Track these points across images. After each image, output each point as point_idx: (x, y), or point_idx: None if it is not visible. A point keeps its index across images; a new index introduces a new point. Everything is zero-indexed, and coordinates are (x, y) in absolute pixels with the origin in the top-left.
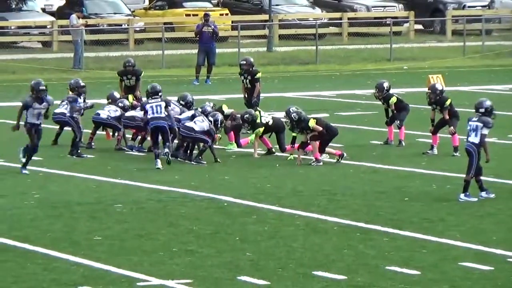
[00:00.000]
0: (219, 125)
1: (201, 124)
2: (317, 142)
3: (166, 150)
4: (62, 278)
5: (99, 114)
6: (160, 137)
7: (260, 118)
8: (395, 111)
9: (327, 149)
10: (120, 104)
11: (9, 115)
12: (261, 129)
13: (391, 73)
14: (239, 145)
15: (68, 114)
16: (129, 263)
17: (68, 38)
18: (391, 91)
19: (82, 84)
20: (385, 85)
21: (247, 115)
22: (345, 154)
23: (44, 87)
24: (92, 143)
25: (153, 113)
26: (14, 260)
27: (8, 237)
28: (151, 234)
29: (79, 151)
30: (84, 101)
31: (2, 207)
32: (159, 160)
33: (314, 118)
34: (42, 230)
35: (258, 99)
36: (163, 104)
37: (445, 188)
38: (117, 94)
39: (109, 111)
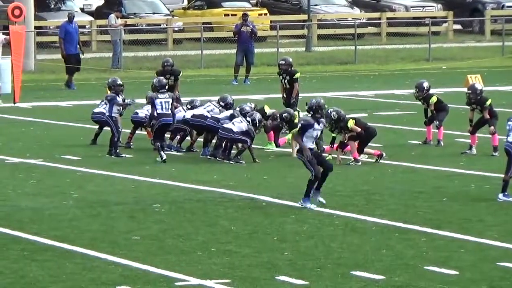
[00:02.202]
0: (257, 125)
1: (239, 125)
2: (356, 142)
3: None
4: (101, 277)
5: (137, 113)
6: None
7: (299, 118)
8: (434, 111)
9: (366, 150)
10: None
11: (47, 115)
12: None
13: (429, 73)
14: (277, 145)
15: (107, 114)
16: (168, 263)
17: (107, 38)
18: (431, 91)
19: (119, 82)
20: (425, 85)
21: (285, 114)
22: (384, 154)
23: (325, 104)
24: (131, 143)
25: (162, 109)
26: (53, 260)
27: (46, 237)
28: (189, 234)
29: (117, 151)
30: (123, 100)
31: (41, 207)
32: (163, 152)
33: (353, 119)
34: (80, 229)
35: (297, 99)
36: (170, 100)
37: (484, 188)
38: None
39: (147, 111)
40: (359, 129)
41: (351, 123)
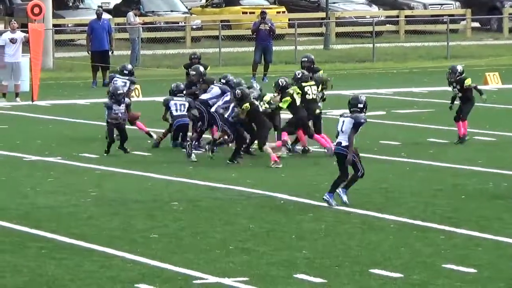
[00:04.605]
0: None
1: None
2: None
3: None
4: (119, 275)
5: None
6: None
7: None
8: (462, 101)
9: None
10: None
11: (66, 113)
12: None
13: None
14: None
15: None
16: (186, 261)
17: (125, 36)
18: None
19: (120, 91)
20: (459, 67)
21: (282, 79)
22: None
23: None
24: (159, 143)
25: (176, 111)
26: (71, 258)
27: (65, 235)
28: (207, 232)
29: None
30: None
31: (59, 205)
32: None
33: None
34: (98, 227)
35: None
36: (186, 103)
37: (502, 186)
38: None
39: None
40: None
41: None
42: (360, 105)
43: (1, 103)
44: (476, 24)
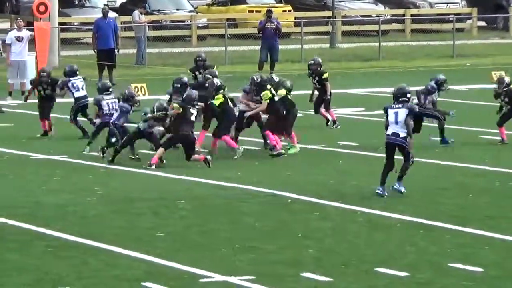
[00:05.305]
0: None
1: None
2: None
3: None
4: (125, 274)
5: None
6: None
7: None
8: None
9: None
10: None
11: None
12: None
13: (454, 70)
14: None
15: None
16: (192, 259)
17: (131, 34)
18: (457, 87)
19: (135, 94)
20: (507, 79)
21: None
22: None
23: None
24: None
25: (108, 110)
26: (77, 256)
27: (71, 233)
28: (213, 231)
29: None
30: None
31: (65, 204)
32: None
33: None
34: (104, 226)
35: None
36: (116, 100)
37: (508, 185)
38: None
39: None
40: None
41: None
42: (409, 95)
43: (7, 101)
44: (482, 23)
